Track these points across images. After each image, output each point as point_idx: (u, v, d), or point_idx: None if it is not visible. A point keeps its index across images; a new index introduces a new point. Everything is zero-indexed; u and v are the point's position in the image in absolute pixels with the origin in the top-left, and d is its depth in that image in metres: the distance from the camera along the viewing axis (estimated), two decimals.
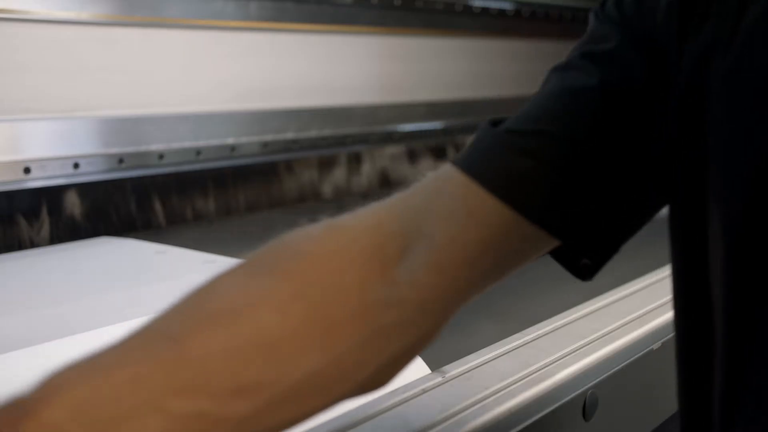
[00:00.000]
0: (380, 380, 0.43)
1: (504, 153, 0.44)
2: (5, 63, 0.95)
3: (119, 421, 0.34)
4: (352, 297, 0.41)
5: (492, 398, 0.57)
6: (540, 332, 0.70)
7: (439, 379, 0.59)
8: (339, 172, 1.39)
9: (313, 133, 1.32)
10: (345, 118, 1.38)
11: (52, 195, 1.00)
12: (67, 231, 1.01)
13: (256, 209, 1.25)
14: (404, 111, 1.50)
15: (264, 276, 0.41)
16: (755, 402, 0.41)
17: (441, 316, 0.44)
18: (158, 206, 1.12)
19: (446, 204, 0.43)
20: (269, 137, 1.26)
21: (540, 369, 0.62)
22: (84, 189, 1.03)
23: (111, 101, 1.06)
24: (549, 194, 0.43)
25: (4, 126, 0.95)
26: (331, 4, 1.32)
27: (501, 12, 1.67)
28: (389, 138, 1.48)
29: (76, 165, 1.01)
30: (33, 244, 0.97)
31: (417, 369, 0.59)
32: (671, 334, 0.74)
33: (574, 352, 0.66)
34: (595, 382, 0.64)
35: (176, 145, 1.12)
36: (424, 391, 0.57)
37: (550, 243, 0.45)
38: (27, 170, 0.96)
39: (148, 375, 0.36)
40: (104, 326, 0.64)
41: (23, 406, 0.34)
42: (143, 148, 1.08)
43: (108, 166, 1.05)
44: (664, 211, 0.49)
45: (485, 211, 0.43)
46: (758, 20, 0.40)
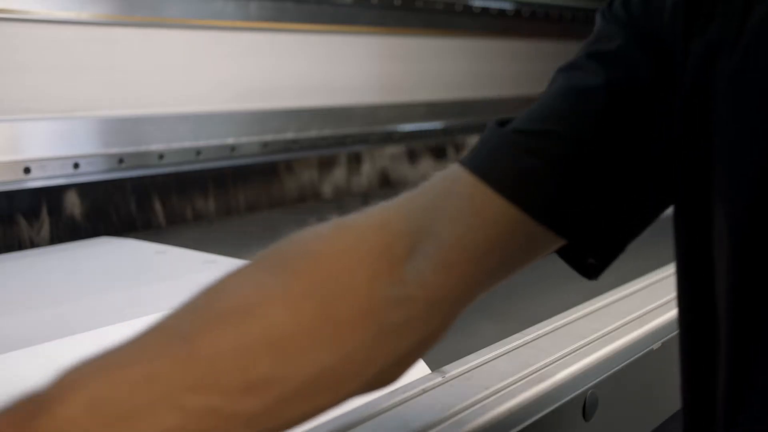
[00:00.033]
0: (389, 377, 0.44)
1: (511, 153, 0.44)
2: (5, 63, 0.95)
3: (134, 417, 0.35)
4: (361, 295, 0.41)
5: (492, 398, 0.57)
6: (540, 332, 0.70)
7: (439, 379, 0.59)
8: (339, 172, 1.39)
9: (313, 133, 1.32)
10: (345, 118, 1.38)
11: (52, 195, 1.00)
12: (67, 231, 1.01)
13: (256, 209, 1.25)
14: (404, 111, 1.50)
15: (274, 274, 0.41)
16: (761, 402, 0.41)
17: (448, 314, 0.44)
18: (158, 206, 1.12)
19: (454, 204, 0.43)
20: (269, 137, 1.26)
21: (540, 369, 0.62)
22: (84, 189, 1.03)
23: (111, 101, 1.06)
24: (555, 194, 0.44)
25: (4, 126, 0.95)
26: (331, 4, 1.32)
27: (501, 12, 1.67)
28: (389, 138, 1.48)
29: (76, 165, 1.01)
30: (33, 244, 0.97)
31: (417, 369, 0.59)
32: (671, 334, 0.75)
33: (574, 352, 0.66)
34: (595, 382, 0.64)
35: (176, 145, 1.12)
36: (424, 391, 0.57)
37: (557, 242, 0.45)
38: (27, 170, 0.96)
39: (162, 372, 0.36)
40: (104, 326, 0.64)
41: (39, 402, 0.35)
42: (143, 148, 1.08)
43: (108, 166, 1.05)
44: (667, 211, 0.49)
45: (492, 211, 0.43)
46: (764, 20, 0.40)
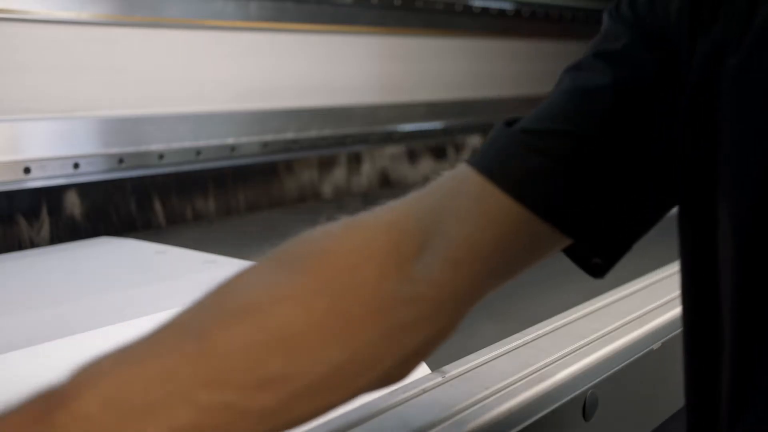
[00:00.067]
0: (399, 374, 0.44)
1: (518, 152, 0.44)
2: (5, 63, 0.95)
3: (149, 412, 0.36)
4: (371, 293, 0.42)
5: (492, 398, 0.57)
6: (540, 332, 0.70)
7: (439, 379, 0.59)
8: (339, 172, 1.39)
9: (313, 133, 1.32)
10: (345, 118, 1.38)
11: (52, 195, 1.00)
12: (67, 231, 1.01)
13: (256, 209, 1.25)
14: (404, 111, 1.50)
15: (285, 273, 0.42)
16: (764, 402, 0.41)
17: (456, 312, 0.44)
18: (158, 206, 1.12)
19: (461, 203, 0.44)
20: (269, 137, 1.26)
21: (540, 369, 0.62)
22: (84, 189, 1.03)
23: (111, 101, 1.06)
24: (561, 193, 0.44)
25: (4, 126, 0.95)
26: (331, 4, 1.32)
27: (501, 12, 1.67)
28: (389, 138, 1.48)
29: (76, 165, 1.01)
30: (33, 244, 0.97)
31: (417, 369, 0.59)
32: (671, 334, 0.75)
33: (574, 352, 0.66)
34: (595, 382, 0.64)
35: (176, 145, 1.12)
36: (424, 391, 0.57)
37: (563, 241, 0.46)
38: (27, 170, 0.96)
39: (177, 368, 0.37)
40: (104, 326, 0.64)
41: (56, 397, 0.35)
42: (143, 148, 1.08)
43: (108, 166, 1.05)
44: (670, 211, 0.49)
45: (499, 210, 0.43)
46: None
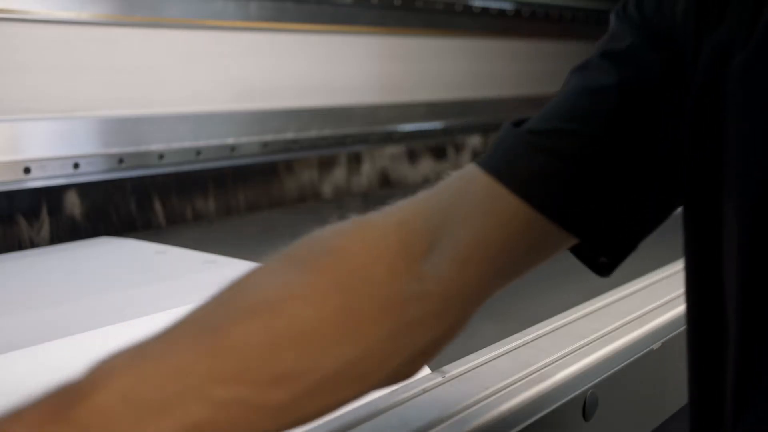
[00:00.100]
0: (409, 371, 0.45)
1: (525, 152, 0.45)
2: (5, 63, 0.95)
3: (166, 407, 0.36)
4: (382, 290, 0.43)
5: (492, 398, 0.57)
6: (540, 332, 0.70)
7: (439, 379, 0.59)
8: (339, 172, 1.39)
9: (313, 133, 1.32)
10: (345, 118, 1.38)
11: (52, 195, 1.00)
12: (67, 231, 1.01)
13: (256, 209, 1.25)
14: (404, 111, 1.50)
15: (298, 270, 0.43)
16: (765, 402, 0.41)
17: (464, 311, 0.45)
18: (158, 206, 1.12)
19: (469, 202, 0.44)
20: (269, 137, 1.26)
21: (540, 369, 0.62)
22: (84, 189, 1.03)
23: (111, 101, 1.06)
24: (567, 192, 0.44)
25: (4, 126, 0.95)
26: (331, 4, 1.32)
27: (501, 12, 1.67)
28: (389, 138, 1.48)
29: (76, 165, 1.01)
30: (33, 244, 0.97)
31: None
32: (671, 334, 0.75)
33: (574, 352, 0.66)
34: (595, 382, 0.64)
35: (176, 145, 1.12)
36: (424, 391, 0.57)
37: (569, 240, 0.46)
38: (27, 170, 0.96)
39: (192, 364, 0.38)
40: (104, 326, 0.64)
41: (73, 392, 0.36)
42: (143, 148, 1.08)
43: (108, 166, 1.05)
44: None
45: (507, 210, 0.44)
46: None
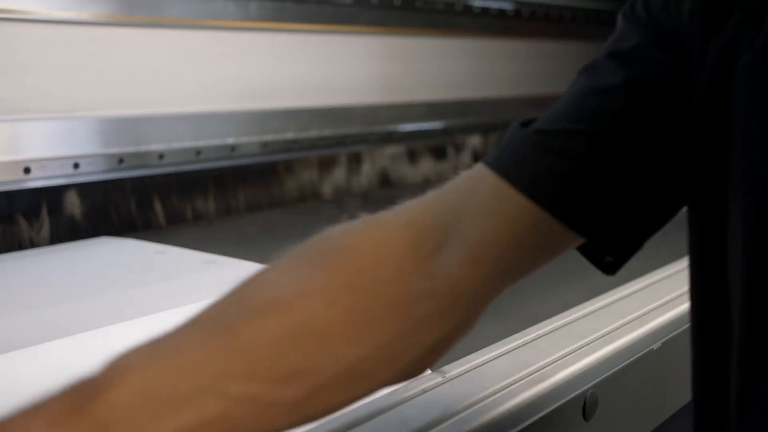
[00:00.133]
0: (419, 368, 0.45)
1: (533, 153, 0.45)
2: (5, 63, 0.95)
3: (181, 403, 0.37)
4: (391, 289, 0.43)
5: (492, 398, 0.57)
6: (540, 332, 0.70)
7: (439, 379, 0.59)
8: (339, 172, 1.39)
9: (313, 133, 1.32)
10: (345, 118, 1.38)
11: (52, 195, 0.99)
12: (67, 231, 1.01)
13: (256, 209, 1.25)
14: (404, 111, 1.50)
15: (309, 269, 0.43)
16: None
17: (473, 309, 0.45)
18: (158, 206, 1.12)
19: (478, 202, 0.45)
20: (269, 137, 1.26)
21: (540, 369, 0.62)
22: (84, 189, 1.03)
23: (111, 101, 1.06)
24: (575, 192, 0.44)
25: (4, 126, 0.95)
26: (331, 4, 1.32)
27: (501, 12, 1.67)
28: (389, 138, 1.48)
29: (76, 165, 1.01)
30: (33, 244, 0.97)
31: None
32: (671, 334, 0.75)
33: (574, 352, 0.66)
34: (595, 382, 0.64)
35: (176, 145, 1.12)
36: (424, 391, 0.57)
37: (577, 240, 0.46)
38: (27, 170, 0.96)
39: (206, 361, 0.38)
40: (104, 326, 0.64)
41: (90, 388, 0.37)
42: (143, 148, 1.08)
43: (108, 166, 1.05)
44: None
45: (515, 210, 0.44)
46: None
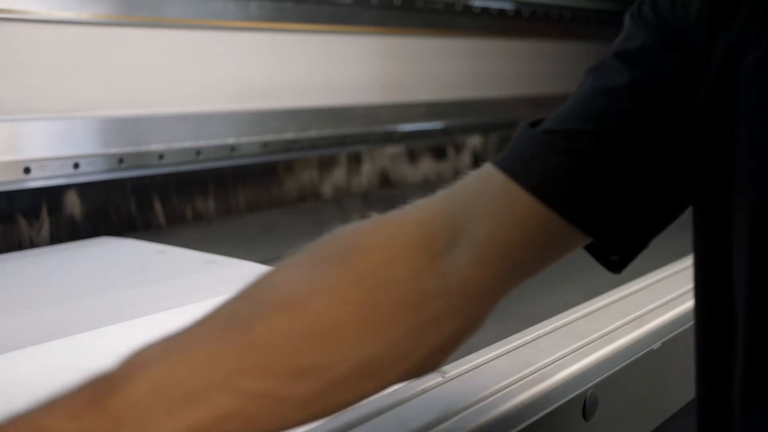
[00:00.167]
0: (430, 365, 0.46)
1: (541, 152, 0.45)
2: (5, 63, 0.95)
3: (195, 399, 0.37)
4: (403, 287, 0.43)
5: (492, 398, 0.57)
6: (540, 332, 0.69)
7: (439, 379, 0.59)
8: (339, 172, 1.39)
9: (313, 133, 1.32)
10: (345, 118, 1.38)
11: (52, 195, 0.99)
12: (67, 231, 1.01)
13: (256, 209, 1.25)
14: (404, 111, 1.50)
15: (322, 267, 0.43)
16: None
17: (483, 307, 0.46)
18: (158, 206, 1.12)
19: (487, 201, 0.45)
20: (269, 137, 1.26)
21: (540, 369, 0.62)
22: (84, 189, 1.03)
23: (111, 101, 1.06)
24: (582, 192, 0.45)
25: (4, 126, 0.95)
26: (331, 4, 1.32)
27: (501, 12, 1.67)
28: (389, 138, 1.48)
29: (76, 165, 1.01)
30: (33, 244, 0.97)
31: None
32: (671, 334, 0.75)
33: (574, 352, 0.66)
34: (595, 382, 0.64)
35: (176, 145, 1.12)
36: (424, 391, 0.57)
37: (584, 239, 0.46)
38: (27, 170, 0.96)
39: (221, 357, 0.39)
40: (104, 326, 0.64)
41: (107, 383, 0.37)
42: (143, 148, 1.08)
43: (108, 166, 1.05)
44: None
45: (522, 209, 0.44)
46: None
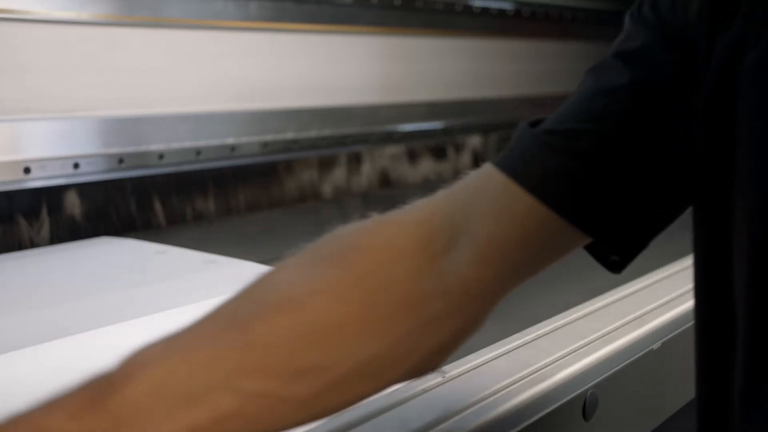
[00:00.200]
0: (430, 365, 0.45)
1: (541, 152, 0.45)
2: (5, 63, 0.95)
3: (195, 398, 0.37)
4: (403, 287, 0.43)
5: (492, 398, 0.57)
6: (540, 332, 0.69)
7: (439, 379, 0.59)
8: (339, 172, 1.39)
9: (313, 133, 1.32)
10: (345, 118, 1.38)
11: (52, 195, 0.99)
12: (67, 231, 1.01)
13: (256, 209, 1.25)
14: (404, 111, 1.50)
15: (322, 267, 0.43)
16: None
17: (483, 307, 0.46)
18: (158, 206, 1.12)
19: (487, 201, 0.45)
20: (269, 137, 1.26)
21: (540, 369, 0.62)
22: (84, 189, 1.03)
23: (111, 101, 1.06)
24: (582, 192, 0.45)
25: (4, 126, 0.95)
26: (331, 4, 1.32)
27: (501, 12, 1.67)
28: (389, 138, 1.48)
29: (76, 165, 1.01)
30: (33, 244, 0.97)
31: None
32: (671, 334, 0.75)
33: (574, 352, 0.66)
34: (595, 382, 0.64)
35: (176, 145, 1.12)
36: (424, 391, 0.57)
37: (584, 239, 0.46)
38: (27, 170, 0.96)
39: (221, 357, 0.39)
40: (104, 326, 0.64)
41: (108, 383, 0.37)
42: (143, 148, 1.08)
43: (108, 166, 1.05)
44: None
45: (523, 209, 0.44)
46: None
